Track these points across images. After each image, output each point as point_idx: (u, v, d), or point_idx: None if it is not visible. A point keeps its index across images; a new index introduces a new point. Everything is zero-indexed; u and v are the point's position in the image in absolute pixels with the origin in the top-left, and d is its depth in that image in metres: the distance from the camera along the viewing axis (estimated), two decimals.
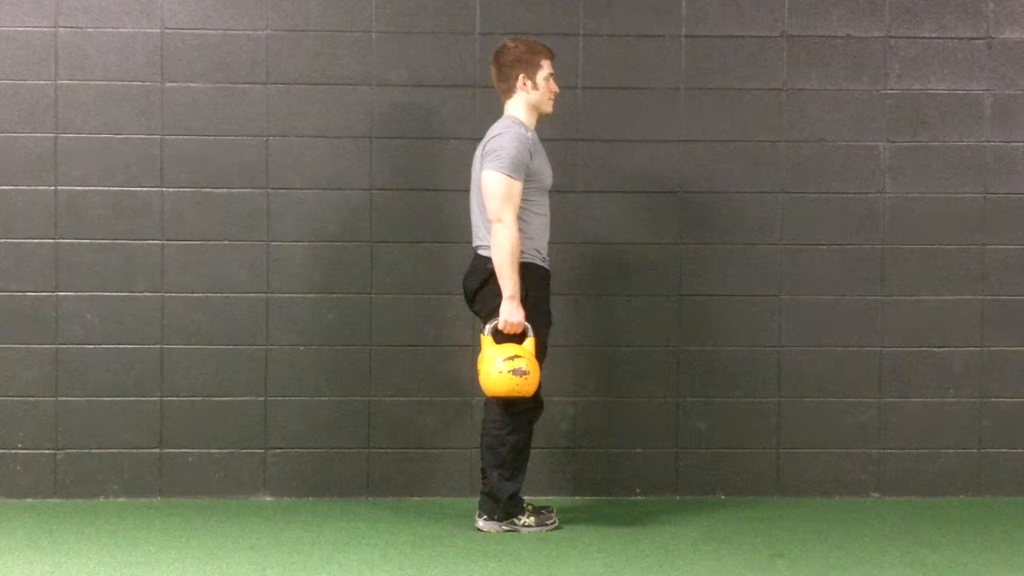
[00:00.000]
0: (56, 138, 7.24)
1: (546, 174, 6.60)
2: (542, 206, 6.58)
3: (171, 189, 7.28)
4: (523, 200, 6.44)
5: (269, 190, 7.30)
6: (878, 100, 7.46)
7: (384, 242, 7.30)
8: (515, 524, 6.57)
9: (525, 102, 6.61)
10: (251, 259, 7.30)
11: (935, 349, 7.47)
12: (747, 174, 7.43)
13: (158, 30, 7.28)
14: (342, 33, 7.33)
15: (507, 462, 6.51)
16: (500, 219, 6.34)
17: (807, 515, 7.06)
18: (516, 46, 6.63)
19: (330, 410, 7.31)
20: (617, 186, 7.40)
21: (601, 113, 7.39)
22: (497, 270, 6.36)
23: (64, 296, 7.23)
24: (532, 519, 6.59)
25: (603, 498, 7.40)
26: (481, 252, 6.55)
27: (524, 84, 6.59)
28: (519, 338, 6.42)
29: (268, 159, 7.30)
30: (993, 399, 7.48)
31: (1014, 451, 7.49)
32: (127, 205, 7.26)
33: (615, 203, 7.40)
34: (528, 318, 6.42)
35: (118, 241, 7.26)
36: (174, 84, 7.29)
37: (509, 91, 6.63)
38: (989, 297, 7.48)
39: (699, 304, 7.43)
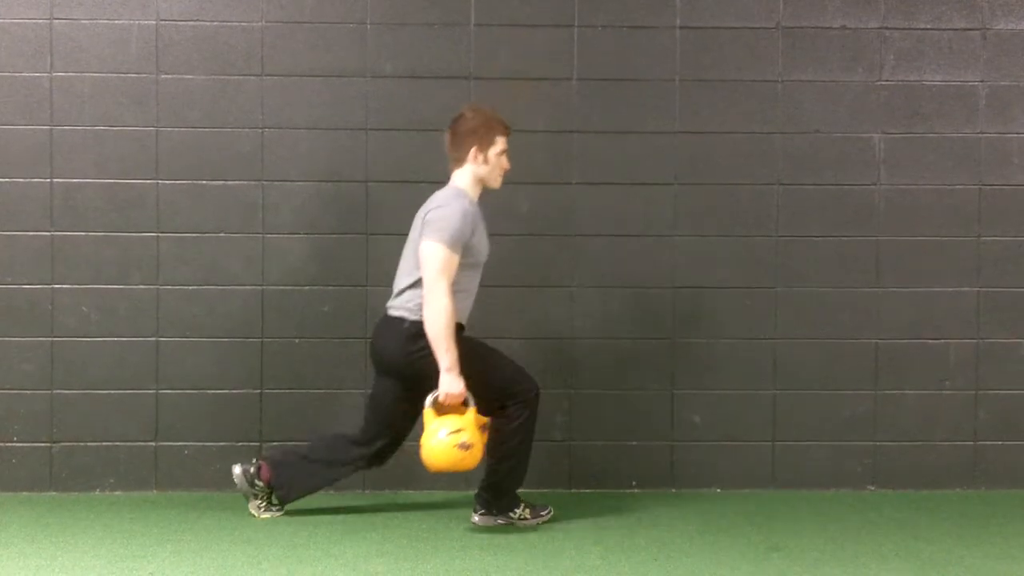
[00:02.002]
0: (51, 130, 7.24)
1: (482, 250, 6.56)
2: (472, 281, 6.55)
3: (166, 181, 7.27)
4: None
5: (264, 182, 7.30)
6: (873, 91, 7.46)
7: (379, 234, 7.29)
8: (511, 518, 6.57)
9: (473, 174, 6.57)
10: (246, 251, 7.29)
11: (931, 341, 7.47)
12: (742, 166, 7.42)
13: (153, 22, 7.27)
14: (337, 25, 7.32)
15: (514, 454, 6.54)
16: (435, 290, 6.30)
17: (803, 508, 7.06)
18: (473, 117, 6.57)
19: (325, 402, 7.31)
20: (612, 178, 7.39)
21: (596, 105, 7.38)
22: (432, 342, 6.32)
23: (60, 289, 7.23)
24: (527, 511, 6.60)
25: (598, 491, 7.40)
26: (393, 313, 6.54)
27: (476, 157, 6.55)
28: (460, 409, 6.41)
29: (263, 151, 7.29)
30: (989, 391, 7.48)
31: (1010, 443, 7.50)
32: (122, 197, 7.26)
33: (610, 195, 7.39)
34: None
35: (113, 233, 7.25)
36: (169, 76, 7.28)
37: (459, 161, 6.58)
38: (984, 289, 7.48)
39: (694, 296, 7.43)
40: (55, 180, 7.24)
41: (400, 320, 6.48)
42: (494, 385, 6.49)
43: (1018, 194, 7.49)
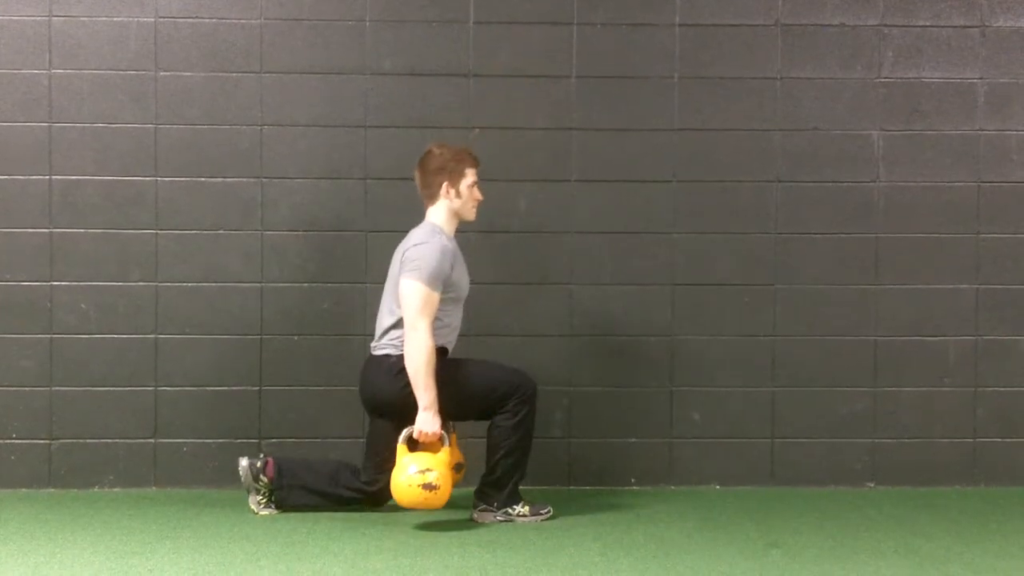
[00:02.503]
0: (50, 127, 7.23)
1: (463, 285, 6.60)
2: (454, 317, 6.59)
3: (165, 178, 7.27)
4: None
5: (263, 179, 7.30)
6: (872, 89, 7.46)
7: (378, 231, 7.29)
8: (510, 514, 6.58)
9: (447, 209, 6.60)
10: (245, 248, 7.29)
11: (929, 338, 7.48)
12: (741, 163, 7.42)
13: (152, 19, 7.27)
14: (336, 22, 7.32)
15: (515, 450, 6.56)
16: (416, 327, 6.33)
17: (802, 505, 7.06)
18: (441, 153, 6.61)
19: (325, 399, 7.31)
20: (611, 176, 7.39)
21: (595, 102, 7.38)
22: (412, 380, 6.35)
23: (58, 286, 7.23)
24: (527, 508, 6.60)
25: (598, 488, 7.40)
26: (377, 352, 6.59)
27: (447, 192, 6.58)
28: (434, 447, 6.43)
29: (262, 148, 7.29)
30: (988, 388, 7.48)
31: (1008, 440, 7.50)
32: (121, 194, 7.25)
33: (609, 192, 7.39)
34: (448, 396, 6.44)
35: (112, 230, 7.25)
36: (168, 73, 7.28)
37: (432, 197, 6.62)
38: (983, 286, 7.48)
39: (693, 293, 7.43)
40: (54, 177, 7.23)
41: (386, 357, 6.53)
42: (489, 394, 6.53)
43: (1017, 191, 7.49)
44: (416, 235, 6.57)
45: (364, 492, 6.69)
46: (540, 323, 7.38)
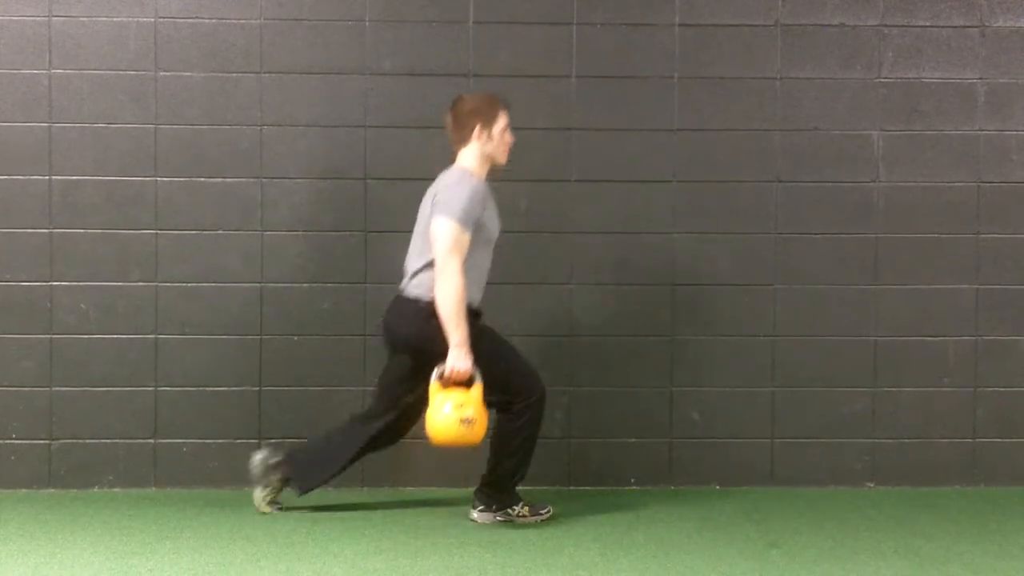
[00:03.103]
0: (50, 127, 7.24)
1: (493, 227, 6.58)
2: (483, 258, 6.58)
3: (165, 178, 7.27)
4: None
5: (263, 179, 7.30)
6: (872, 89, 7.46)
7: (378, 232, 7.29)
8: (509, 515, 6.58)
9: (479, 152, 6.60)
10: (245, 248, 7.29)
11: (929, 338, 7.48)
12: (741, 163, 7.43)
13: (152, 19, 7.27)
14: (336, 22, 7.32)
15: (518, 452, 6.55)
16: (447, 266, 6.32)
17: (802, 505, 7.07)
18: (474, 97, 6.66)
19: (324, 399, 7.30)
20: (611, 176, 7.39)
21: (595, 102, 7.38)
22: (444, 319, 6.32)
23: (58, 286, 7.23)
24: (526, 508, 6.61)
25: (597, 488, 7.41)
26: (408, 293, 6.55)
27: (480, 135, 6.58)
28: (467, 384, 6.40)
29: (262, 148, 7.29)
30: (987, 388, 7.48)
31: (1008, 440, 7.50)
32: (121, 194, 7.26)
33: (609, 192, 7.39)
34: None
35: (112, 231, 7.25)
36: (168, 73, 7.28)
37: (464, 140, 6.61)
38: (983, 286, 7.48)
39: (693, 293, 7.43)
40: (54, 177, 7.23)
41: (415, 301, 6.49)
42: (500, 378, 6.49)
43: (1017, 191, 7.49)
44: (448, 177, 6.55)
45: (378, 432, 6.66)
46: (540, 323, 7.38)
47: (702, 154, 7.41)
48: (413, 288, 6.53)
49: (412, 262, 6.59)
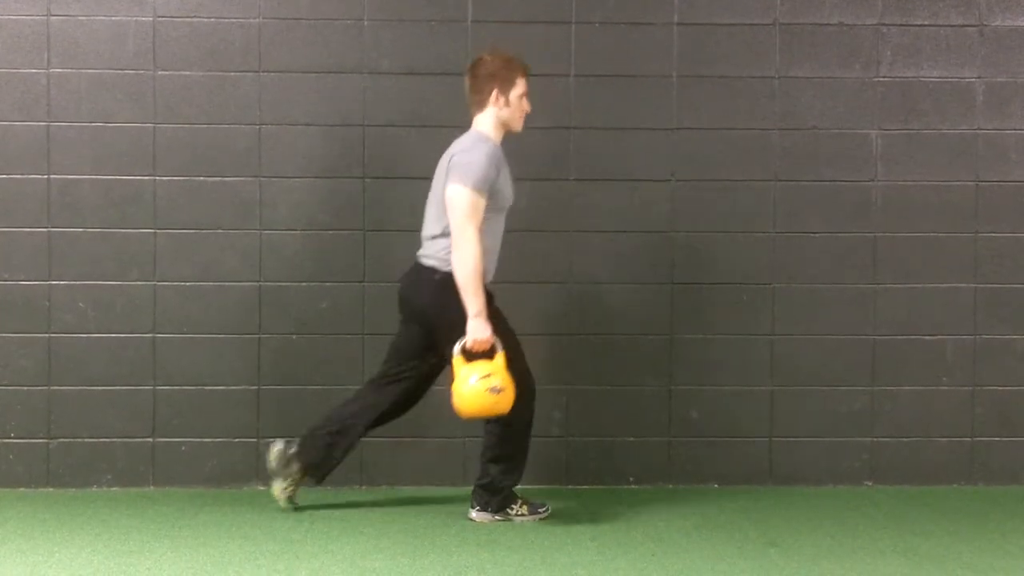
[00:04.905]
0: (48, 126, 7.23)
1: (507, 193, 6.54)
2: (497, 225, 6.55)
3: (163, 177, 7.27)
4: None
5: (261, 178, 7.30)
6: (870, 88, 7.46)
7: (377, 230, 7.29)
8: (508, 514, 6.58)
9: (495, 117, 6.56)
10: (244, 247, 7.29)
11: (928, 337, 7.48)
12: (740, 162, 7.43)
13: (150, 18, 7.27)
14: (334, 21, 7.32)
15: (509, 455, 6.54)
16: (463, 233, 6.30)
17: (800, 503, 7.07)
18: (493, 60, 6.57)
19: (323, 399, 7.29)
20: (609, 174, 7.39)
21: (593, 101, 7.38)
22: (461, 287, 6.31)
23: (57, 285, 7.23)
24: (525, 508, 6.60)
25: (596, 487, 7.41)
26: (425, 262, 6.52)
27: (497, 100, 6.54)
28: (489, 355, 6.38)
29: (261, 147, 7.29)
30: (986, 387, 7.48)
31: (1007, 439, 7.50)
32: (119, 193, 7.25)
33: (607, 191, 7.39)
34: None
35: (110, 230, 7.25)
36: (166, 72, 7.28)
37: (481, 104, 6.58)
38: (981, 285, 7.48)
39: (692, 292, 7.43)
40: (52, 176, 7.23)
41: (432, 270, 6.47)
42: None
43: (1015, 190, 7.49)
44: (462, 142, 6.52)
45: (391, 410, 6.68)
46: (539, 322, 7.37)
47: (701, 153, 7.41)
48: (429, 257, 6.50)
49: (429, 227, 6.56)
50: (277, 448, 6.67)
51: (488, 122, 6.57)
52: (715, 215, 7.43)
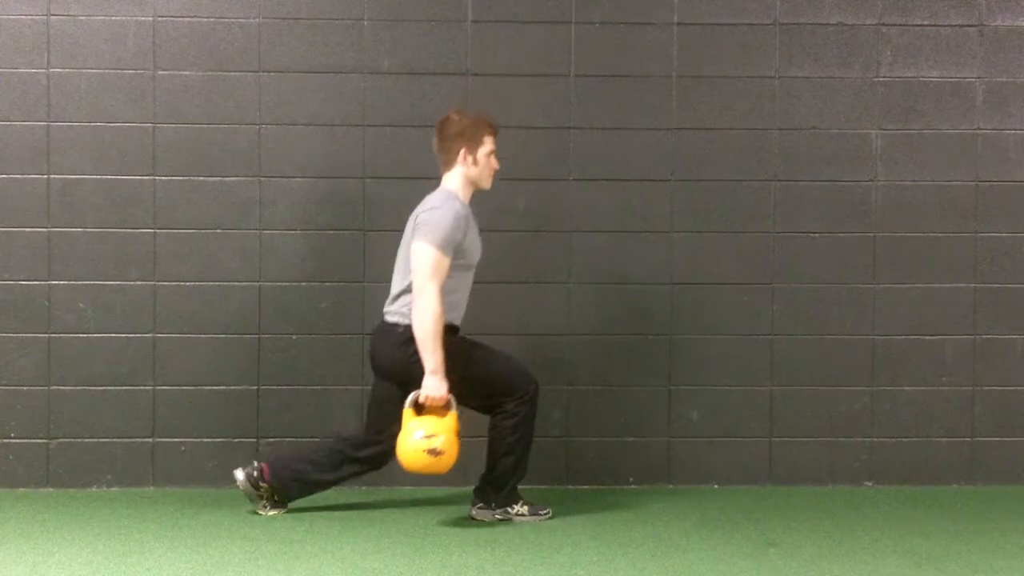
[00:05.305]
0: (48, 126, 7.23)
1: (475, 251, 6.55)
2: (465, 281, 6.56)
3: (163, 177, 7.27)
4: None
5: (261, 178, 7.30)
6: (870, 88, 7.46)
7: (376, 231, 7.29)
8: (508, 513, 6.58)
9: (463, 176, 6.56)
10: (243, 247, 7.29)
11: (927, 337, 7.48)
12: (739, 162, 7.43)
13: (150, 18, 7.27)
14: (334, 21, 7.32)
15: (516, 450, 6.56)
16: (424, 291, 6.31)
17: (800, 503, 7.07)
18: (460, 119, 6.57)
19: (323, 398, 7.30)
20: (609, 174, 7.39)
21: (593, 101, 7.38)
22: (419, 343, 6.33)
23: (57, 285, 7.23)
24: (525, 508, 6.61)
25: (596, 487, 7.41)
26: (389, 319, 6.54)
27: (465, 159, 6.54)
28: (443, 410, 6.41)
29: (260, 147, 7.29)
30: (985, 387, 7.49)
31: (1006, 439, 7.50)
32: (119, 193, 7.25)
33: (607, 191, 7.39)
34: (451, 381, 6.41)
35: (110, 230, 7.25)
36: (166, 72, 7.28)
37: (449, 164, 6.58)
38: (981, 285, 7.48)
39: (691, 292, 7.43)
40: (52, 176, 7.23)
41: (395, 326, 6.50)
42: (491, 384, 6.52)
43: (1015, 190, 7.50)
44: (430, 200, 6.53)
45: (368, 463, 6.66)
46: (539, 322, 7.38)
47: (700, 153, 7.41)
48: (393, 313, 6.54)
49: (395, 284, 6.60)
50: (242, 475, 6.66)
51: (456, 180, 6.57)
52: (715, 215, 7.43)
